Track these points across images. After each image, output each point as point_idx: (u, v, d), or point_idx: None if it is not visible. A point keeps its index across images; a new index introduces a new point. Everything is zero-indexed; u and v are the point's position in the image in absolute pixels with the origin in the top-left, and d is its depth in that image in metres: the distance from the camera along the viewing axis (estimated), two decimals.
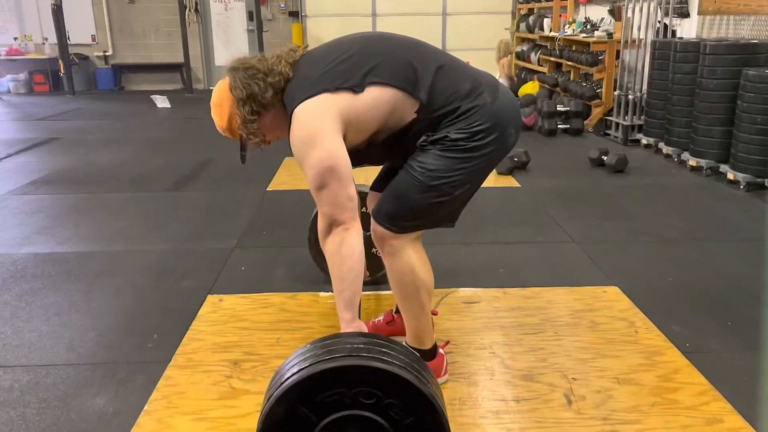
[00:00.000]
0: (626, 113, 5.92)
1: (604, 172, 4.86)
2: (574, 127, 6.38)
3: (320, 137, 1.63)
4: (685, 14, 5.76)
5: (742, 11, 4.97)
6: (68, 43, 9.88)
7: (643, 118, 5.75)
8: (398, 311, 2.20)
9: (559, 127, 6.40)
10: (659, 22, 5.76)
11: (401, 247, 1.84)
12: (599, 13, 7.35)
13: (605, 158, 4.90)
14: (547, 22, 8.38)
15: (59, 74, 10.12)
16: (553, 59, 7.70)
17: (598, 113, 6.44)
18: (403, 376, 1.31)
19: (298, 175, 4.29)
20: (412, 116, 1.73)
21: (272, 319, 2.54)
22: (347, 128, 1.68)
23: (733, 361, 2.20)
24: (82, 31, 10.61)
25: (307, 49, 1.87)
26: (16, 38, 10.60)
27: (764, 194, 4.14)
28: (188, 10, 9.88)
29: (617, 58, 6.18)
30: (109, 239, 3.53)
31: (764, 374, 2.08)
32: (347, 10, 10.34)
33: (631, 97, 5.86)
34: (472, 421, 1.89)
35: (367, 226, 1.86)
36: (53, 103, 9.28)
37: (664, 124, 5.28)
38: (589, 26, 7.09)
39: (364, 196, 2.24)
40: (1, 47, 10.53)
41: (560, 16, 8.12)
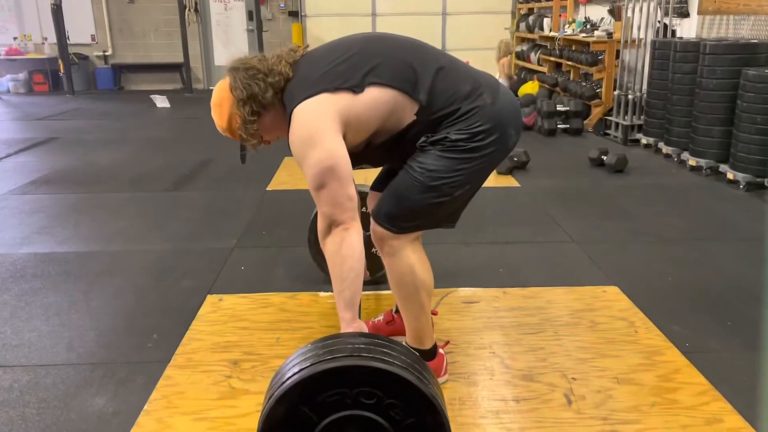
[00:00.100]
0: (626, 113, 5.92)
1: (603, 171, 4.86)
2: (573, 126, 6.38)
3: (320, 137, 1.63)
4: (684, 14, 5.76)
5: (741, 11, 4.98)
6: (68, 42, 9.87)
7: (642, 117, 5.75)
8: (398, 311, 2.20)
9: (558, 126, 6.40)
10: (659, 21, 5.76)
11: (401, 247, 1.84)
12: (599, 12, 7.35)
13: (605, 158, 4.90)
14: (546, 21, 8.38)
15: (59, 74, 10.11)
16: (552, 59, 7.69)
17: (597, 113, 6.44)
18: (404, 376, 1.31)
19: (297, 174, 4.29)
20: (411, 118, 1.73)
21: (272, 318, 2.54)
22: (346, 128, 1.68)
23: (733, 361, 2.20)
24: (81, 30, 10.60)
25: (307, 49, 1.87)
26: (15, 38, 10.60)
27: (764, 194, 4.14)
28: (188, 9, 9.86)
29: (617, 57, 6.18)
30: (108, 239, 3.53)
31: (764, 374, 2.08)
32: (347, 9, 10.33)
33: (630, 96, 5.86)
34: (471, 421, 1.89)
35: (367, 226, 1.85)
36: (53, 102, 9.27)
37: (663, 123, 5.28)
38: (588, 26, 7.09)
39: (364, 196, 2.24)
40: (0, 47, 10.53)
41: (560, 15, 8.12)
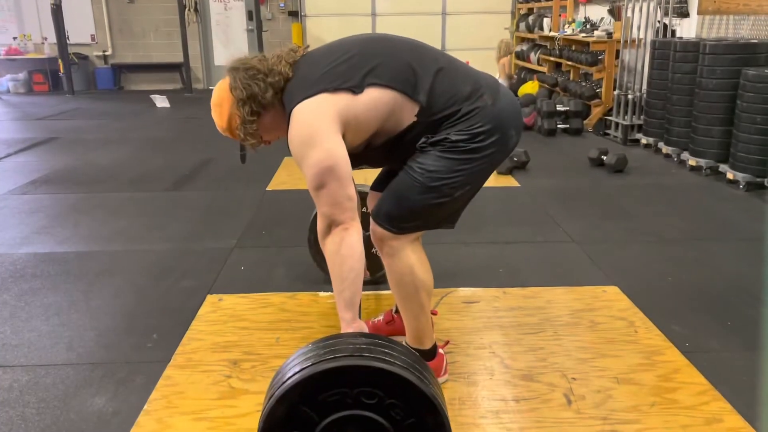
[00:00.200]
0: (626, 113, 5.92)
1: (603, 171, 4.86)
2: (573, 126, 6.38)
3: (319, 137, 1.63)
4: (684, 14, 5.76)
5: (741, 11, 4.98)
6: (68, 42, 9.87)
7: (642, 117, 5.75)
8: (398, 311, 2.20)
9: (558, 126, 6.40)
10: (659, 21, 5.76)
11: (400, 247, 1.84)
12: (599, 12, 7.35)
13: (605, 158, 4.90)
14: (546, 21, 8.38)
15: (59, 74, 10.11)
16: (552, 59, 7.70)
17: (597, 113, 6.44)
18: (404, 376, 1.31)
19: (297, 174, 4.28)
20: (411, 119, 1.72)
21: (272, 318, 2.54)
22: (346, 129, 1.67)
23: (732, 361, 2.20)
24: (81, 30, 10.60)
25: (307, 49, 1.87)
26: (15, 38, 10.60)
27: (764, 194, 4.14)
28: (188, 9, 9.85)
29: (617, 57, 6.18)
30: (108, 239, 3.53)
31: (764, 374, 2.07)
32: (347, 9, 10.34)
33: (630, 96, 5.86)
34: (471, 420, 1.89)
35: (367, 226, 1.85)
36: (52, 102, 9.27)
37: (663, 123, 5.28)
38: (588, 26, 7.09)
39: (364, 196, 2.24)
40: (0, 47, 10.53)
41: (560, 15, 8.13)
